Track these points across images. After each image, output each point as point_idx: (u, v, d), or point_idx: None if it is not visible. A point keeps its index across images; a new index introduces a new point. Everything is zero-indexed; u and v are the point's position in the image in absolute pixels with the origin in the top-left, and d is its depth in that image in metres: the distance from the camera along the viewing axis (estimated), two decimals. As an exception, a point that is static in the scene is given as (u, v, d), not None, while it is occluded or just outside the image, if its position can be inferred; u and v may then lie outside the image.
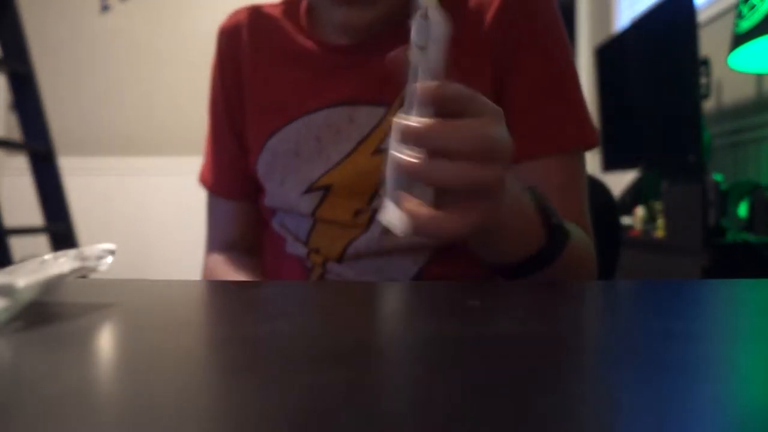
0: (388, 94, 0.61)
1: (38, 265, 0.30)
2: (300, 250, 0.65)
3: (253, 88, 0.68)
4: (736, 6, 1.34)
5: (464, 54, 0.60)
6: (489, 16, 0.61)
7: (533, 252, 0.47)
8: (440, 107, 0.36)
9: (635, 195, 1.94)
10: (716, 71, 1.72)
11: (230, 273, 0.67)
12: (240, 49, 0.69)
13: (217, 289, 0.42)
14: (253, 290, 0.40)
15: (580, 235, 0.57)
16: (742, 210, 1.37)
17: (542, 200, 0.48)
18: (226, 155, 0.73)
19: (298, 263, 0.66)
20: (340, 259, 0.63)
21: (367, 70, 0.63)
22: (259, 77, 0.68)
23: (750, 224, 1.31)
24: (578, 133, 0.61)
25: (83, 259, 0.32)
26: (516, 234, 0.45)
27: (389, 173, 0.38)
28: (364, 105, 0.62)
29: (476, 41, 0.61)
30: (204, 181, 0.76)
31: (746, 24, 1.28)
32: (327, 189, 0.62)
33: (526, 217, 0.46)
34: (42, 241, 1.85)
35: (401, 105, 0.38)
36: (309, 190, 0.62)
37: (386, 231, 0.42)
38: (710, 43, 1.70)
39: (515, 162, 0.59)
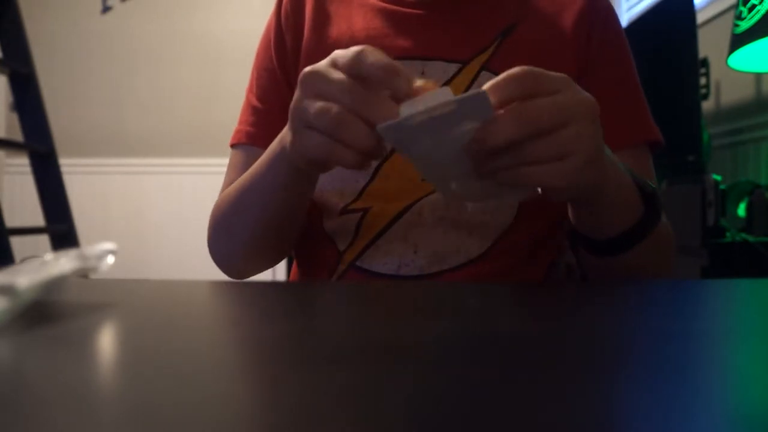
0: (462, 51, 0.62)
1: (39, 266, 0.30)
2: (339, 217, 0.62)
3: (316, 48, 0.66)
4: (736, 6, 1.34)
5: (550, 50, 0.63)
6: (573, 13, 0.65)
7: (634, 221, 0.49)
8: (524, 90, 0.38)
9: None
10: (715, 71, 1.71)
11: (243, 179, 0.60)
12: (304, 12, 0.68)
13: (218, 289, 0.42)
14: (254, 290, 0.40)
15: (663, 219, 0.59)
16: (741, 210, 1.37)
17: (634, 173, 0.51)
18: (277, 107, 0.67)
19: (332, 248, 0.63)
20: (392, 223, 0.61)
21: (441, 25, 0.64)
22: (322, 35, 0.66)
23: (749, 224, 1.31)
24: (649, 129, 0.66)
25: (84, 258, 0.32)
26: (617, 201, 0.48)
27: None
28: (436, 60, 0.62)
29: (562, 37, 0.64)
30: (240, 137, 0.69)
31: (746, 25, 1.28)
32: None
33: (624, 184, 0.48)
34: (43, 241, 1.85)
35: (476, 63, 0.39)
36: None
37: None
38: (709, 43, 1.70)
39: None
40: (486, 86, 0.37)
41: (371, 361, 0.22)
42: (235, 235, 0.63)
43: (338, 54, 0.41)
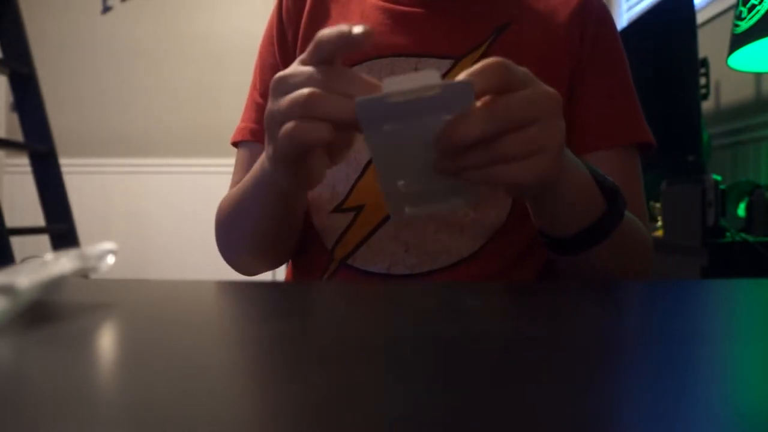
0: (456, 46, 0.63)
1: (39, 266, 0.30)
2: (327, 217, 0.63)
3: (309, 43, 0.66)
4: (736, 6, 1.34)
5: (544, 48, 0.64)
6: (566, 13, 0.65)
7: (594, 219, 0.49)
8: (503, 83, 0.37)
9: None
10: (715, 71, 1.71)
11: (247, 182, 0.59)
12: (304, 8, 0.68)
13: (218, 289, 0.42)
14: (254, 290, 0.40)
15: (636, 220, 0.59)
16: (741, 210, 1.37)
17: (595, 170, 0.50)
18: None
19: (322, 251, 0.64)
20: (383, 222, 0.61)
21: (437, 23, 0.64)
22: (317, 30, 0.66)
23: (749, 224, 1.31)
24: (639, 130, 0.66)
25: (84, 258, 0.32)
26: (576, 198, 0.48)
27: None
28: (430, 56, 0.63)
29: (555, 36, 0.65)
30: (245, 134, 0.69)
31: (746, 25, 1.28)
32: None
33: (585, 182, 0.48)
34: (43, 241, 1.85)
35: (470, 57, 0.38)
36: None
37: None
38: (709, 43, 1.70)
39: (581, 153, 0.63)
40: (463, 75, 0.36)
41: (371, 361, 0.22)
42: (237, 241, 0.65)
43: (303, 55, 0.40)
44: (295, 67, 0.40)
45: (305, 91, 0.37)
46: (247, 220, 0.60)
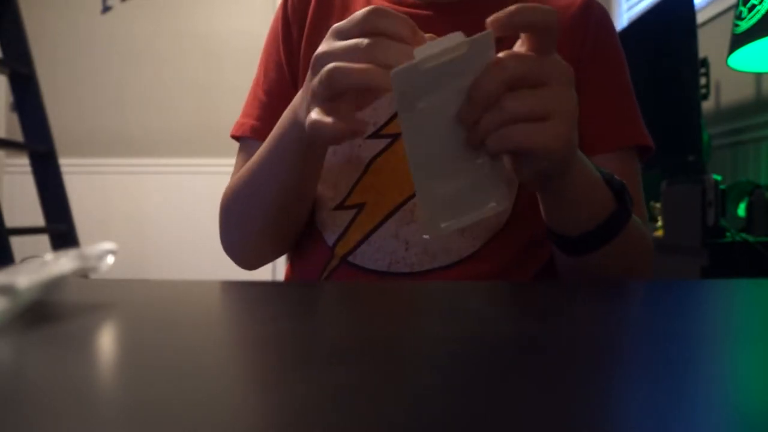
0: None
1: (39, 266, 0.30)
2: (327, 216, 0.63)
3: (315, 41, 0.66)
4: (736, 6, 1.34)
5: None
6: (568, 16, 0.66)
7: (604, 217, 0.50)
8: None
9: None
10: (715, 71, 1.71)
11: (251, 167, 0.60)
12: (310, 6, 0.69)
13: (218, 288, 0.42)
14: (254, 290, 0.40)
15: (638, 221, 0.59)
16: (741, 210, 1.37)
17: (601, 169, 0.51)
18: (285, 102, 0.68)
19: (322, 246, 0.64)
20: (385, 220, 0.61)
21: (443, 25, 0.65)
22: (323, 28, 0.66)
23: (749, 224, 1.31)
24: (639, 133, 0.66)
25: (84, 258, 0.32)
26: (589, 193, 0.49)
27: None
28: None
29: (558, 38, 0.64)
30: (245, 130, 0.69)
31: (746, 25, 1.28)
32: (396, 138, 0.62)
33: (595, 178, 0.49)
34: (43, 241, 1.85)
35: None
36: (376, 135, 0.62)
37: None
38: (709, 43, 1.70)
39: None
40: (492, 18, 0.38)
41: (370, 361, 0.22)
42: (249, 217, 0.64)
43: (339, 24, 0.42)
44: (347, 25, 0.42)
45: (365, 40, 0.40)
46: (266, 186, 0.59)
